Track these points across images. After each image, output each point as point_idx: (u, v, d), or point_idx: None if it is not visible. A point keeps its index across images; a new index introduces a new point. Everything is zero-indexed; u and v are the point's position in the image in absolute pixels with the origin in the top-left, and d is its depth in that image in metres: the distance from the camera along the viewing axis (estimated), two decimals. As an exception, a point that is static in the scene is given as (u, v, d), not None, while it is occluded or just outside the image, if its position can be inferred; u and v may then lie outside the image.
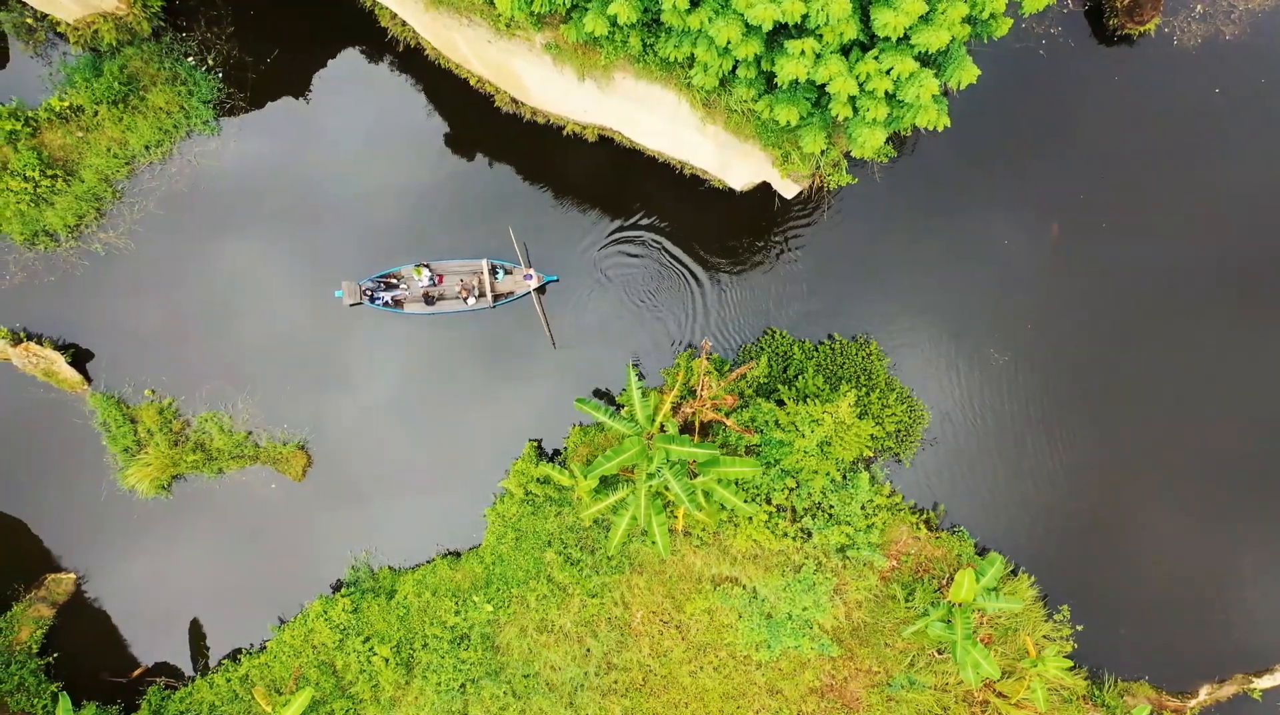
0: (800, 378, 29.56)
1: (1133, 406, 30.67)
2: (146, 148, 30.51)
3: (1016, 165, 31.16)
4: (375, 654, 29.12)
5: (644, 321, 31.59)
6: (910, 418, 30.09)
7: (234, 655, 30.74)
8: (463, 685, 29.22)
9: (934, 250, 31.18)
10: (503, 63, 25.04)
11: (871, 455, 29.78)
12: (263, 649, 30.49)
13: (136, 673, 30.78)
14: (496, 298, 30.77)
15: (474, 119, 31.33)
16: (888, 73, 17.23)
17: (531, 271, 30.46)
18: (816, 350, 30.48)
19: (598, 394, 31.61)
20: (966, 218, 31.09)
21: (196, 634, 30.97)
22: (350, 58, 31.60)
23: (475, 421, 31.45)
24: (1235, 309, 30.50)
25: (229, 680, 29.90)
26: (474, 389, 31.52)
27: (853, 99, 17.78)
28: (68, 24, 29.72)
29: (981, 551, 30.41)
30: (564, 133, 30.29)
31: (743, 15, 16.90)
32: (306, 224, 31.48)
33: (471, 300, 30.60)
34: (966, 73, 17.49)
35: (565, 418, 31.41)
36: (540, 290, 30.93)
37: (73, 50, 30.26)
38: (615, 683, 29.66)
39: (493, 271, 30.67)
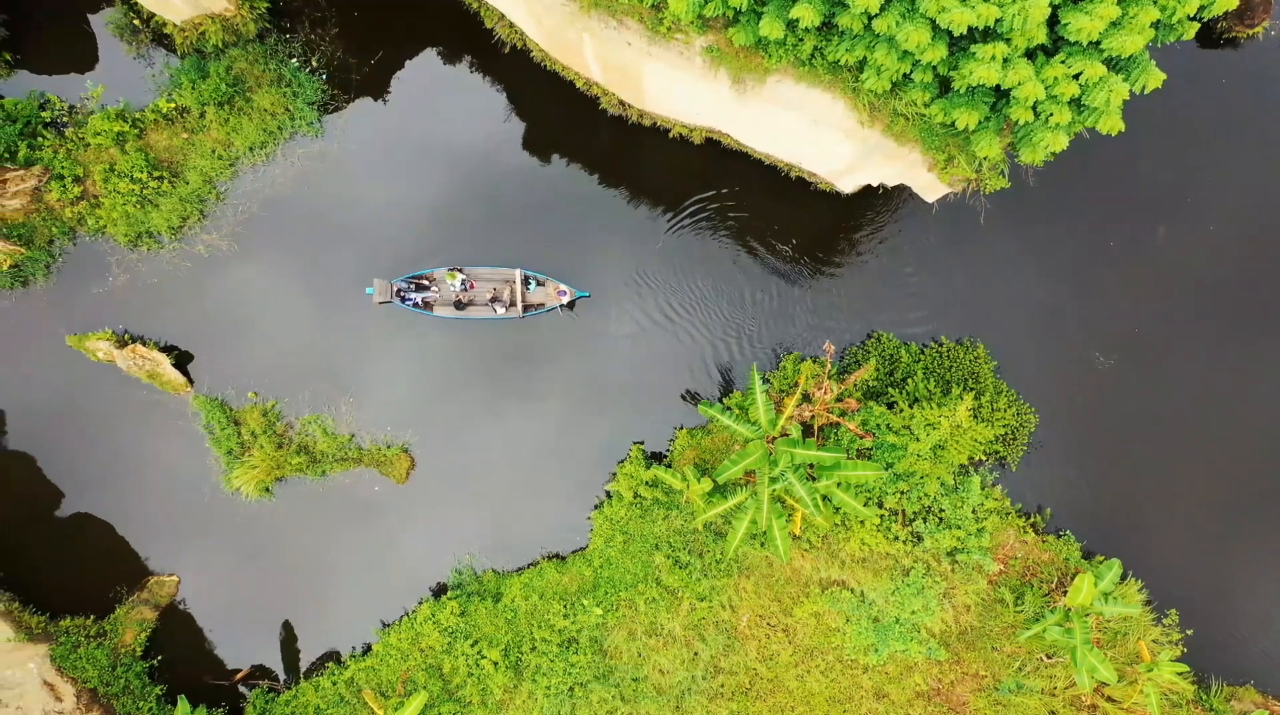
0: (909, 381, 29.48)
1: (1238, 412, 30.56)
2: (250, 149, 30.44)
3: (1121, 167, 31.02)
4: (484, 657, 29.08)
5: (731, 324, 31.53)
6: (1018, 421, 30.00)
7: (336, 658, 30.69)
8: (571, 688, 29.16)
9: (1037, 252, 31.10)
10: (629, 64, 24.94)
11: (982, 458, 29.70)
12: (366, 652, 30.46)
13: (239, 676, 30.74)
14: (526, 308, 30.52)
15: (577, 121, 31.28)
16: (1076, 78, 17.20)
17: (565, 287, 30.32)
18: (923, 353, 30.40)
19: (685, 397, 31.52)
20: (1070, 220, 30.98)
21: (299, 636, 30.95)
22: (453, 59, 31.51)
23: (569, 425, 31.36)
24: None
25: (334, 683, 29.87)
26: (565, 393, 31.41)
27: (1034, 103, 17.71)
28: (174, 25, 29.65)
29: (1087, 555, 30.32)
30: (670, 135, 30.22)
31: (932, 20, 16.84)
32: (400, 225, 31.33)
33: (501, 309, 30.36)
34: (1152, 77, 17.41)
35: (659, 421, 31.29)
36: (570, 305, 30.75)
37: (178, 51, 30.14)
38: (722, 686, 29.61)
39: (525, 282, 30.46)
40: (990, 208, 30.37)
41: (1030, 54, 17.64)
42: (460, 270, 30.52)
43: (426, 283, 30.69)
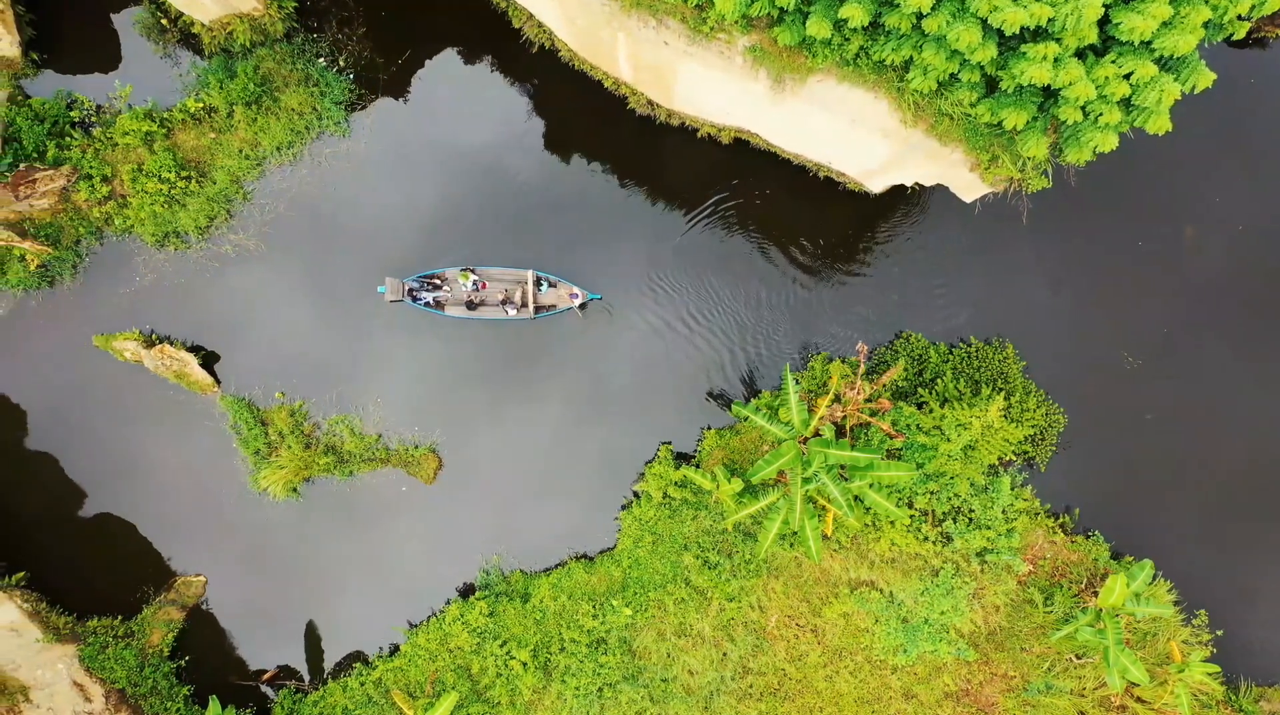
0: (939, 381, 29.44)
1: (1267, 412, 30.51)
2: (278, 149, 30.38)
3: (1147, 167, 30.98)
4: (513, 657, 29.02)
5: (755, 325, 31.48)
6: (1046, 421, 29.97)
7: (364, 659, 30.65)
8: (600, 689, 29.11)
9: (1065, 252, 31.06)
10: (663, 64, 24.89)
11: (1011, 459, 29.68)
12: (394, 652, 30.41)
13: (266, 676, 30.71)
14: (538, 310, 30.46)
15: (602, 120, 31.23)
16: (1126, 77, 17.16)
17: (577, 289, 30.34)
18: (952, 353, 30.35)
19: (710, 398, 31.47)
20: (1098, 220, 30.94)
21: (326, 637, 30.91)
22: (480, 58, 31.46)
23: (593, 426, 31.30)
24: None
25: (362, 683, 29.84)
26: (590, 394, 31.35)
27: (1083, 103, 17.67)
28: (202, 25, 29.59)
29: (1116, 556, 30.28)
30: (698, 135, 30.17)
31: (983, 19, 16.80)
32: (417, 224, 31.22)
33: (512, 310, 30.27)
34: (1202, 77, 17.39)
35: (685, 422, 31.21)
36: (582, 307, 30.72)
37: (206, 51, 30.08)
38: (751, 687, 29.58)
39: (537, 283, 30.40)
40: (1019, 208, 30.41)
41: (1079, 54, 17.61)
42: (473, 270, 30.48)
43: (439, 282, 30.65)
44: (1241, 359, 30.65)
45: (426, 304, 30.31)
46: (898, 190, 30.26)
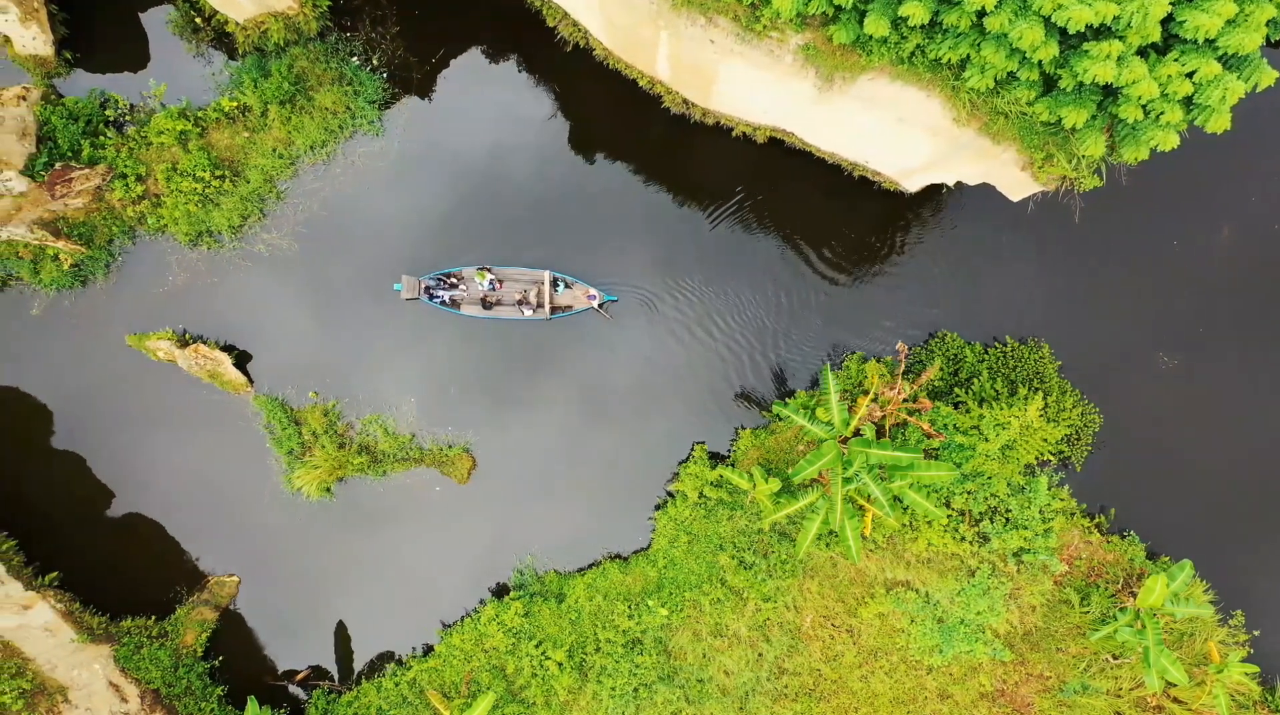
0: (975, 381, 29.37)
1: (1303, 410, 30.47)
2: (311, 148, 30.31)
3: (1181, 167, 30.83)
4: (549, 658, 28.95)
5: (785, 326, 31.41)
6: (1082, 421, 29.89)
7: (397, 659, 30.59)
8: (636, 689, 29.05)
9: (1099, 252, 30.96)
10: (704, 63, 24.79)
11: (1048, 459, 29.61)
12: (428, 653, 30.35)
13: (299, 677, 30.65)
14: (554, 310, 30.45)
15: (635, 120, 31.19)
16: (1189, 76, 17.09)
17: (593, 290, 30.29)
18: (988, 353, 30.27)
19: (739, 397, 31.38)
20: (1133, 220, 30.84)
21: (359, 637, 30.85)
22: (512, 58, 31.39)
23: (623, 427, 31.24)
24: None
25: (397, 684, 29.77)
26: (624, 395, 31.30)
27: (1145, 102, 17.59)
28: (236, 23, 29.50)
29: (1151, 556, 30.20)
30: (733, 134, 30.08)
31: (1046, 17, 16.73)
32: (440, 223, 31.14)
33: (528, 311, 30.27)
34: (1265, 75, 17.31)
35: (715, 421, 31.15)
36: (601, 306, 30.64)
37: (240, 49, 30.00)
38: (786, 687, 29.52)
39: (553, 284, 30.37)
40: (1045, 207, 30.29)
41: (1141, 51, 17.54)
42: (489, 270, 30.43)
43: (455, 281, 30.59)
44: (1278, 359, 30.55)
45: (442, 302, 30.27)
46: (932, 189, 30.19)
